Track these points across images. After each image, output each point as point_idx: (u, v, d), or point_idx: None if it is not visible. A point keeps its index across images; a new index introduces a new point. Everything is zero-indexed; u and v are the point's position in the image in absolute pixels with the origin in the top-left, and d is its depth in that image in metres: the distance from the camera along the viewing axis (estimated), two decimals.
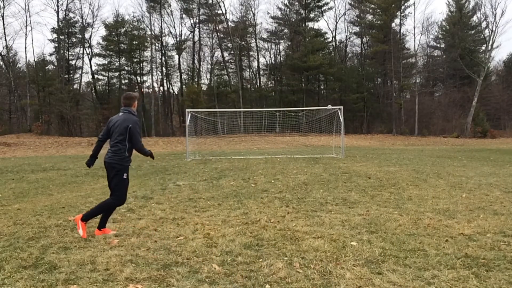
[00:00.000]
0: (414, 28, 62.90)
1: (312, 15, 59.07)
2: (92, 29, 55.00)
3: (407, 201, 7.57)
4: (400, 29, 56.87)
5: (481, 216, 6.16)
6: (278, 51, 61.79)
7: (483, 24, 54.61)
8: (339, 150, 21.31)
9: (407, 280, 3.65)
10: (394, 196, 8.08)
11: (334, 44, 60.62)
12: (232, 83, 57.92)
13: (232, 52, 57.79)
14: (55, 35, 53.08)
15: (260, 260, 4.26)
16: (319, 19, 60.18)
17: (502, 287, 3.47)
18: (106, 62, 55.11)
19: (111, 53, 54.37)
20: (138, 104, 5.75)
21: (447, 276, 3.72)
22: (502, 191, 8.50)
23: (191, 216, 6.50)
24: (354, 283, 3.59)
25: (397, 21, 55.85)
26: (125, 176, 5.32)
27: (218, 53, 59.07)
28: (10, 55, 53.11)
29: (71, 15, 53.81)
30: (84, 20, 54.26)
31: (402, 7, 54.69)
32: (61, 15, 52.10)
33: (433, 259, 4.20)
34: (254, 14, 61.96)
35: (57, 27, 52.02)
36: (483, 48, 55.50)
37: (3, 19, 49.36)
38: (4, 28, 49.09)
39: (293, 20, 58.43)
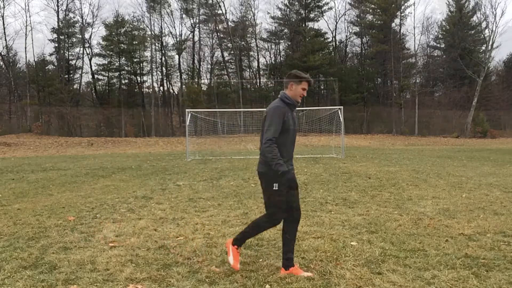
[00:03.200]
0: (414, 28, 62.98)
1: (312, 15, 59.07)
2: (92, 29, 55.11)
3: (407, 201, 7.57)
4: (400, 29, 56.94)
5: (481, 216, 6.16)
6: (278, 51, 61.82)
7: (483, 24, 54.69)
8: (339, 150, 21.31)
9: (407, 280, 3.65)
10: (394, 196, 8.08)
11: (334, 44, 60.61)
12: (232, 83, 57.93)
13: (232, 52, 57.80)
14: (55, 35, 53.12)
15: (260, 260, 4.26)
16: (319, 19, 60.10)
17: (502, 287, 3.47)
18: (106, 62, 55.13)
19: (111, 53, 54.36)
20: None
21: (447, 276, 3.71)
22: (502, 191, 8.50)
23: (191, 216, 6.50)
24: (354, 283, 3.59)
25: (397, 21, 55.94)
26: (275, 188, 3.78)
27: (218, 53, 59.12)
28: (10, 55, 53.14)
29: (71, 15, 53.89)
30: (84, 20, 54.35)
31: (402, 7, 54.72)
32: (61, 15, 52.19)
33: (433, 259, 4.20)
34: (254, 14, 62.00)
35: (57, 27, 52.06)
36: (483, 48, 55.51)
37: (3, 19, 49.49)
38: (4, 28, 49.20)
39: (293, 20, 58.44)
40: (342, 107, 21.73)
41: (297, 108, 4.22)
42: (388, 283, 3.59)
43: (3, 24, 49.33)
